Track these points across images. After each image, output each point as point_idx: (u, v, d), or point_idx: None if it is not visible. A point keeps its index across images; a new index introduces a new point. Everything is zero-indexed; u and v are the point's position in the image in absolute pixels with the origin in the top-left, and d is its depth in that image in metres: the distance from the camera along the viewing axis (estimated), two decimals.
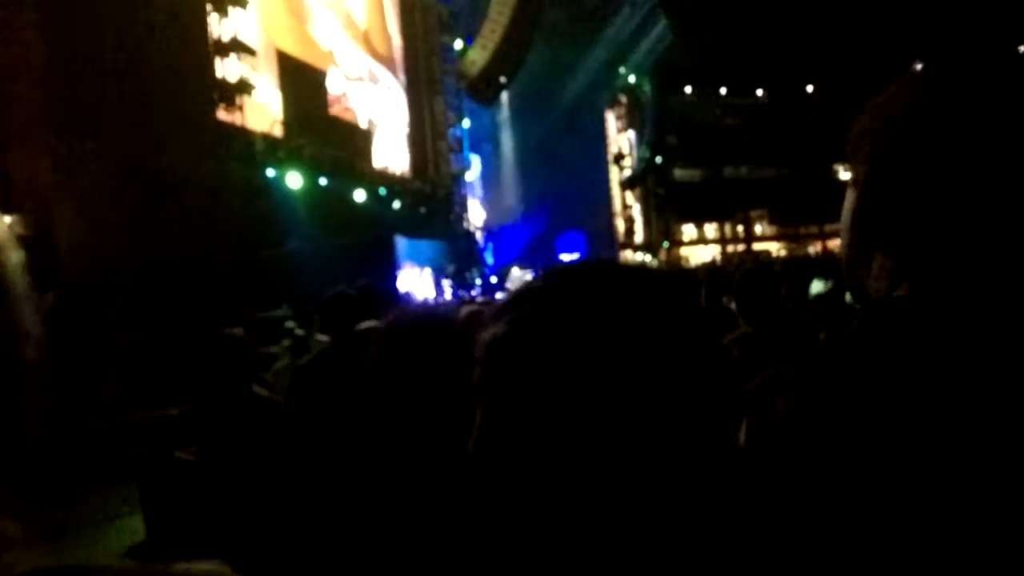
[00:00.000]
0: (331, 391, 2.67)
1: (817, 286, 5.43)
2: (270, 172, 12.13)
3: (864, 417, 0.57)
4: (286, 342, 5.34)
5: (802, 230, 32.82)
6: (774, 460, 0.60)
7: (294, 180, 12.44)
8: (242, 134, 11.88)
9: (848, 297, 3.57)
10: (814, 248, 32.40)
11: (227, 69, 11.69)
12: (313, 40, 15.10)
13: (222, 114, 11.50)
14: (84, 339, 6.00)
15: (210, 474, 2.75)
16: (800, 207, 31.38)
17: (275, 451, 2.65)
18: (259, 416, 2.81)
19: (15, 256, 0.45)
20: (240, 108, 11.86)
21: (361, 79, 17.13)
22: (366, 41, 17.53)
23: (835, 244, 31.92)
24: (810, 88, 31.50)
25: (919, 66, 0.69)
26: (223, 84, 11.57)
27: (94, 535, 4.70)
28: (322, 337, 4.53)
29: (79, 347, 5.82)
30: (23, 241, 0.48)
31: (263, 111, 12.79)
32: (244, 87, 11.89)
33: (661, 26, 27.43)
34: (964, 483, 0.54)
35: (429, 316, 1.39)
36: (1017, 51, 0.65)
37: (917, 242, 0.63)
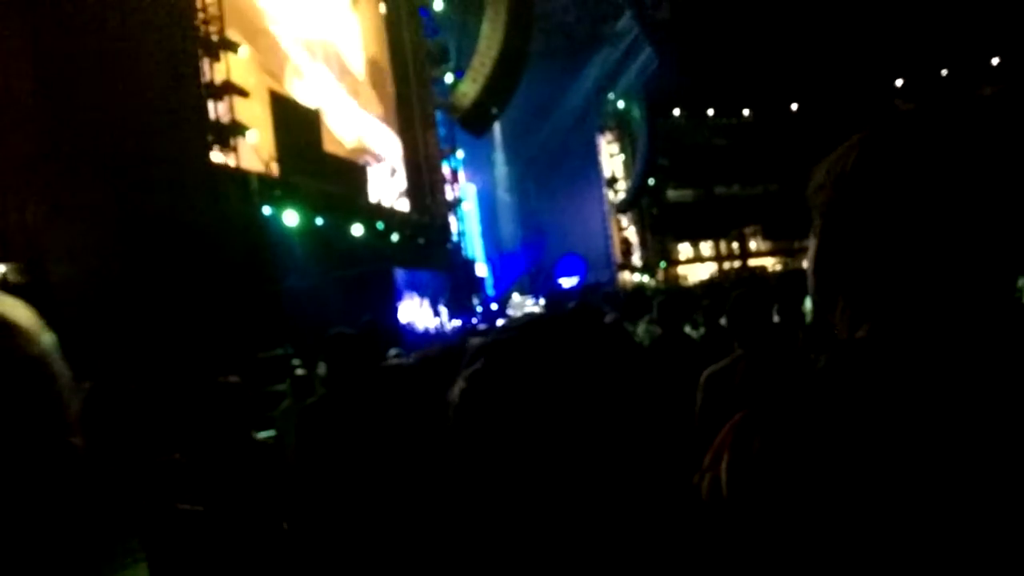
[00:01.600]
0: (340, 430, 2.65)
1: (810, 302, 5.40)
2: (267, 211, 12.18)
3: (829, 453, 0.61)
4: (288, 382, 5.32)
5: (795, 244, 32.94)
6: (752, 497, 0.63)
7: (291, 218, 12.49)
8: (237, 174, 11.96)
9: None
10: (807, 262, 32.38)
11: (220, 111, 11.81)
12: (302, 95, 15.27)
13: (216, 156, 11.59)
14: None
15: (215, 523, 2.72)
16: (792, 222, 31.52)
17: (280, 497, 2.63)
18: (260, 463, 2.79)
19: (47, 338, 0.46)
20: (235, 149, 11.95)
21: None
22: (357, 94, 17.75)
23: None
24: (794, 106, 31.88)
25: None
26: (217, 126, 11.67)
27: None
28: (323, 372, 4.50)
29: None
30: (17, 290, 0.48)
31: (257, 150, 12.89)
32: (238, 128, 11.99)
33: (646, 53, 27.85)
34: (926, 516, 0.57)
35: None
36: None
37: (871, 288, 0.68)
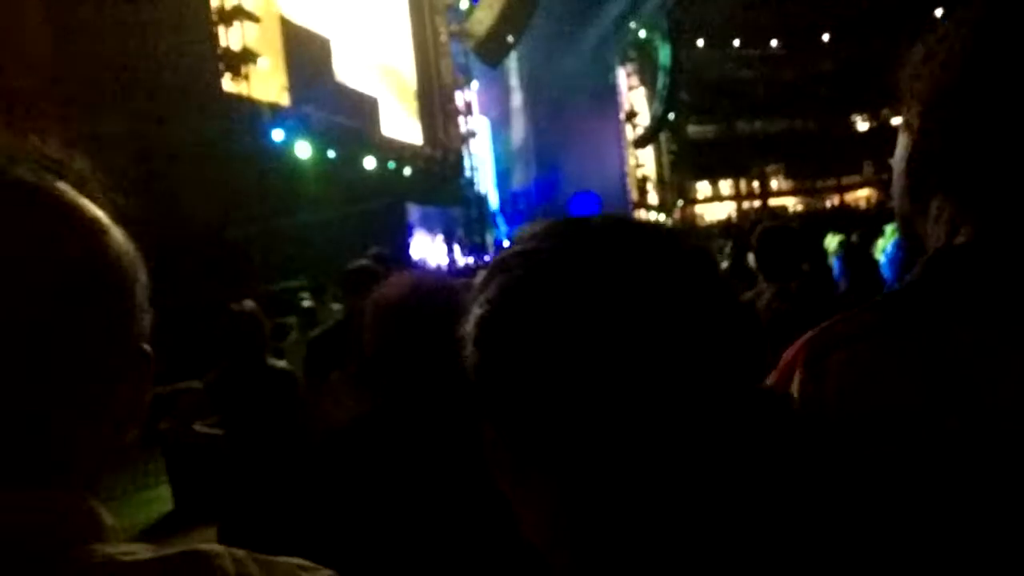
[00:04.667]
0: (356, 359, 2.67)
1: (832, 241, 5.37)
2: (278, 141, 12.07)
3: (926, 376, 0.54)
4: (291, 319, 5.37)
5: (819, 184, 32.32)
6: (828, 417, 0.57)
7: (303, 150, 12.38)
8: (249, 103, 11.80)
9: (877, 249, 3.51)
10: (831, 201, 31.97)
11: (231, 38, 11.57)
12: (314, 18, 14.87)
13: (227, 84, 11.41)
14: None
15: (232, 445, 2.79)
16: (817, 160, 30.85)
17: (292, 423, 2.68)
18: (276, 387, 2.84)
19: (143, 276, 0.49)
20: (246, 77, 11.76)
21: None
22: (369, 21, 17.26)
23: (852, 197, 31.58)
24: (826, 37, 30.70)
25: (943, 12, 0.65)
26: (228, 54, 11.45)
27: (122, 507, 4.79)
28: (336, 307, 4.52)
29: None
30: None
31: (269, 79, 12.68)
32: (249, 56, 11.77)
33: None
34: None
35: (422, 288, 1.29)
36: None
37: (980, 185, 0.60)
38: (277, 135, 12.07)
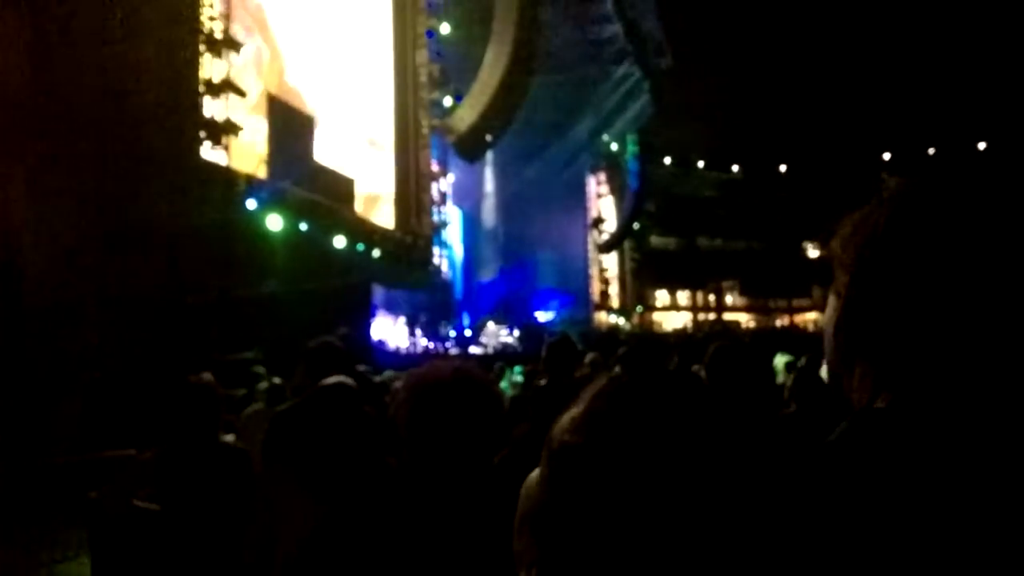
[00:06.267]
0: (310, 441, 2.61)
1: (780, 360, 5.52)
2: (251, 211, 12.10)
3: (846, 529, 0.57)
4: (263, 386, 5.24)
5: (771, 303, 33.45)
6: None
7: (275, 222, 12.41)
8: (225, 173, 11.88)
9: (823, 372, 3.65)
10: (781, 321, 33.00)
11: (215, 110, 11.77)
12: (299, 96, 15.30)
13: (206, 153, 11.52)
14: (45, 372, 5.82)
15: (172, 523, 2.65)
16: (770, 280, 32.06)
17: (244, 500, 2.57)
18: (227, 466, 2.73)
19: None
20: (226, 148, 11.90)
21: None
22: (355, 107, 17.82)
23: (801, 319, 32.63)
24: (783, 168, 32.61)
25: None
26: (211, 124, 11.62)
27: None
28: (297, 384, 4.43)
29: (39, 379, 5.64)
30: None
31: (248, 152, 12.84)
32: (231, 128, 11.95)
33: (644, 100, 28.40)
34: None
35: (462, 374, 1.30)
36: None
37: (897, 355, 0.64)
38: (250, 205, 12.12)
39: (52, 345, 6.38)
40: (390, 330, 16.61)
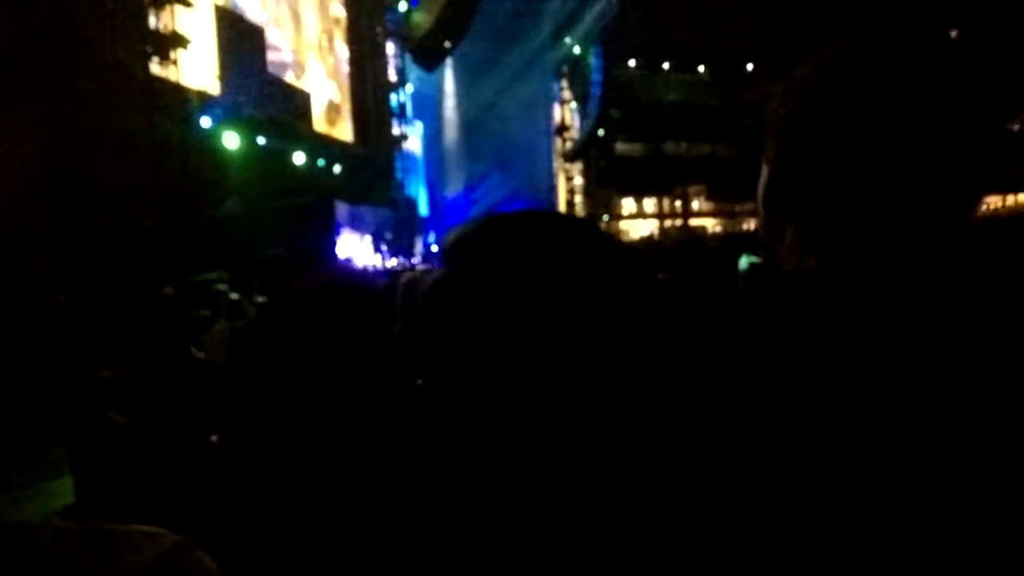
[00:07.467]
0: (271, 354, 2.70)
1: (744, 261, 5.71)
2: (206, 129, 11.74)
3: (772, 390, 0.57)
4: (222, 306, 5.29)
5: (738, 207, 33.65)
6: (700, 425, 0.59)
7: (231, 140, 12.09)
8: (176, 90, 11.44)
9: None
10: (748, 225, 33.35)
11: (162, 21, 11.20)
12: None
13: (155, 68, 11.04)
14: (11, 299, 5.80)
15: (145, 437, 2.75)
16: (737, 185, 32.12)
17: (213, 415, 2.67)
18: (197, 379, 2.81)
19: None
20: (175, 63, 11.40)
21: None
22: (304, 14, 17.00)
23: None
24: (750, 66, 32.12)
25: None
26: (157, 37, 11.08)
27: (21, 498, 4.61)
28: (260, 299, 4.51)
29: (5, 306, 5.63)
30: None
31: (199, 66, 12.32)
32: (179, 40, 11.42)
33: None
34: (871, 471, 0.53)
35: (344, 281, 1.28)
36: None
37: (825, 215, 0.64)
38: (204, 122, 11.75)
39: (10, 271, 6.31)
40: (356, 247, 16.55)
